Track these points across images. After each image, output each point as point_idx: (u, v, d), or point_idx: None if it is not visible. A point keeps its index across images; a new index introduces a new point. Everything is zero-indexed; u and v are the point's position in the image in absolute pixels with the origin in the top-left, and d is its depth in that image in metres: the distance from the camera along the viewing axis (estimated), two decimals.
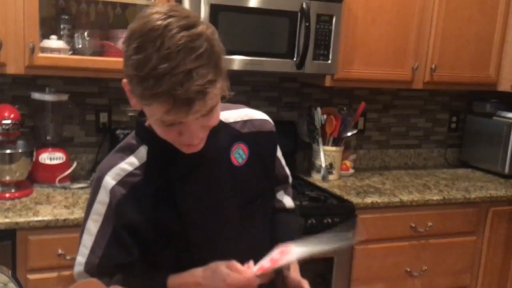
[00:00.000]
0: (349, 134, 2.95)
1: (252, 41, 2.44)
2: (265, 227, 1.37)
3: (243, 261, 1.24)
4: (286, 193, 1.50)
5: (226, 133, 1.26)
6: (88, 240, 1.21)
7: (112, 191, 1.17)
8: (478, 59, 3.02)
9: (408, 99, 3.38)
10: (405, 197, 2.67)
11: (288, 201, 1.49)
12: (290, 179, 1.51)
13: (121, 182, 1.18)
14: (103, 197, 1.18)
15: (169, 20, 1.00)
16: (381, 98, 3.31)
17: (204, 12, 2.31)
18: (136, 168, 1.19)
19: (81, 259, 1.22)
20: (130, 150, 1.22)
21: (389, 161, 3.41)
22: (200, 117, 1.06)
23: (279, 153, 1.42)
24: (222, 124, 1.23)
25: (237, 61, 2.42)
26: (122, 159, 1.21)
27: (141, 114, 1.19)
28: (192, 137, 1.08)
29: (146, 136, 1.21)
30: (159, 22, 0.99)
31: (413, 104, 3.40)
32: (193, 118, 1.04)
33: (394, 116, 3.37)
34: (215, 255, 1.21)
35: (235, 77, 1.21)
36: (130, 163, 1.20)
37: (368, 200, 2.59)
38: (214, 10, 2.32)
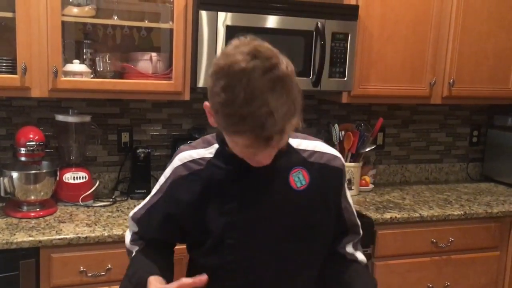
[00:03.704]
0: (367, 149, 2.96)
1: None
2: (312, 261, 1.37)
3: (276, 280, 1.30)
4: (358, 248, 1.47)
5: (290, 156, 1.32)
6: (147, 198, 1.43)
7: (175, 169, 1.33)
8: (497, 73, 3.00)
9: (427, 114, 3.37)
10: (425, 212, 2.66)
11: (360, 256, 1.46)
12: (361, 232, 1.49)
13: (185, 165, 1.32)
14: (167, 172, 1.36)
15: (254, 62, 1.06)
16: (400, 114, 3.31)
17: (220, 33, 2.37)
18: (202, 159, 1.32)
19: (136, 207, 1.46)
20: (205, 144, 1.35)
21: (410, 176, 3.39)
22: None
23: (349, 197, 1.43)
24: (291, 148, 1.33)
25: None
26: (195, 148, 1.35)
27: None
28: (265, 160, 1.19)
29: (220, 133, 1.29)
30: (244, 64, 1.06)
31: (433, 118, 3.39)
32: (269, 150, 1.14)
33: (413, 131, 3.37)
34: (249, 264, 1.26)
35: None
36: (199, 153, 1.33)
37: (387, 215, 2.59)
38: (230, 32, 2.38)
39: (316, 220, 1.33)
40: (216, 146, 1.33)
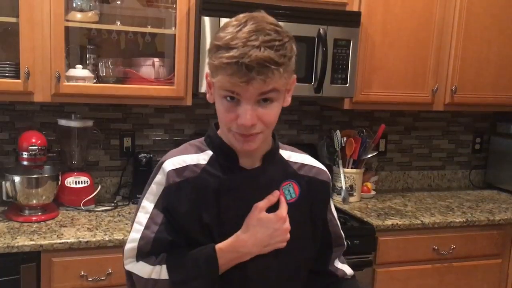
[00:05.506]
0: (369, 156, 2.96)
1: None
2: (297, 275, 1.36)
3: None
4: (344, 261, 1.48)
5: (282, 168, 1.32)
6: (143, 217, 1.25)
7: (168, 174, 1.24)
8: (500, 80, 3.00)
9: (430, 121, 3.37)
10: (427, 219, 2.65)
11: (348, 270, 1.46)
12: (345, 243, 1.48)
13: (177, 171, 1.24)
14: (160, 179, 1.25)
15: (250, 19, 1.14)
16: (402, 120, 3.31)
17: None
18: (196, 166, 1.26)
19: (135, 235, 1.25)
20: (197, 149, 1.30)
21: (412, 183, 3.39)
22: (257, 99, 1.13)
23: (333, 210, 1.43)
24: (282, 159, 1.32)
25: None
26: (188, 153, 1.28)
27: (216, 125, 1.29)
28: (245, 117, 1.13)
29: (214, 140, 1.29)
30: (239, 21, 1.14)
31: (435, 125, 3.39)
32: (250, 92, 1.11)
33: (416, 138, 3.37)
34: (239, 277, 1.25)
35: None
36: (192, 159, 1.27)
37: (389, 222, 2.58)
38: None
39: (303, 233, 1.32)
40: (209, 152, 1.28)
